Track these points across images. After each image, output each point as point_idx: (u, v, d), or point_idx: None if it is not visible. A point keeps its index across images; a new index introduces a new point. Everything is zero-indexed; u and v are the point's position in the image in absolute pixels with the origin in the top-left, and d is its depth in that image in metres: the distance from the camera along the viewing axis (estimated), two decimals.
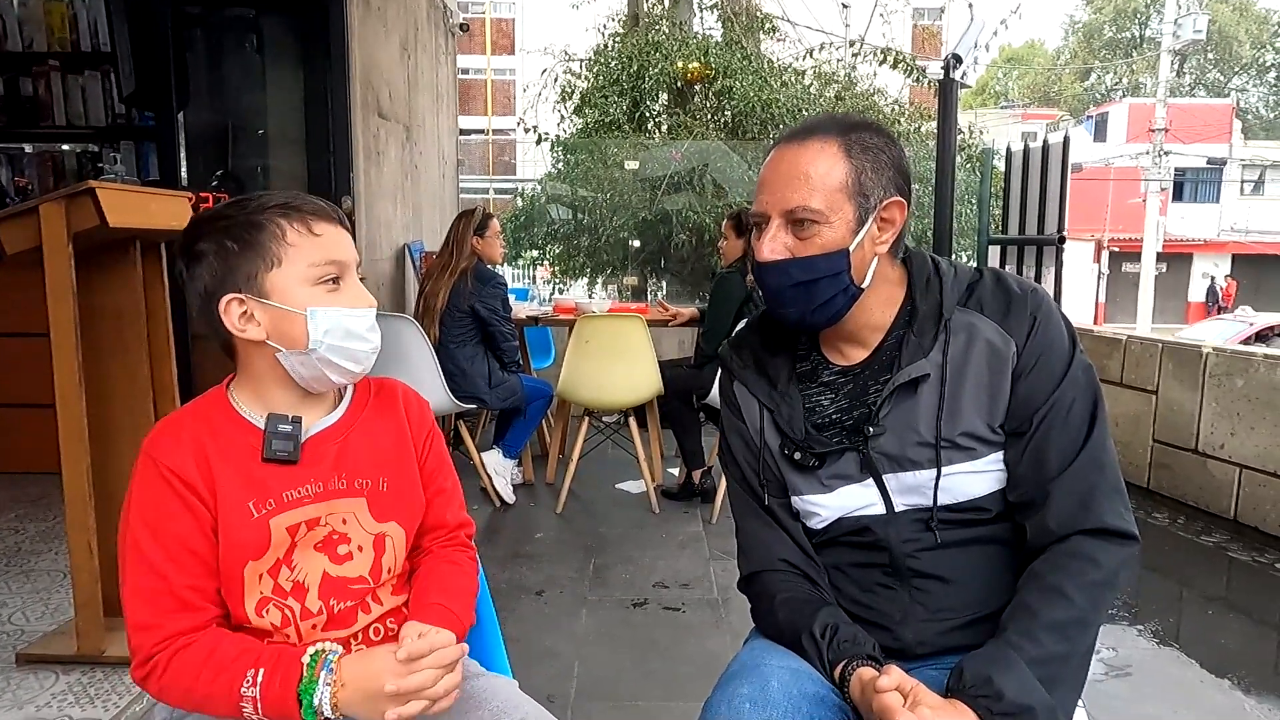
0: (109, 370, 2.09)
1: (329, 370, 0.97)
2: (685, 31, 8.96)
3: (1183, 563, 3.16)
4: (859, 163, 1.02)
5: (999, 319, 1.04)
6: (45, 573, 2.59)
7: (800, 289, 1.04)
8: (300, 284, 0.95)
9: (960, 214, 7.45)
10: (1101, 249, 24.39)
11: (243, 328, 0.96)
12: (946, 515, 1.05)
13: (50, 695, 1.89)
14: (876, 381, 1.07)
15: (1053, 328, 1.04)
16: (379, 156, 4.22)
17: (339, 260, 0.97)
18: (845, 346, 1.11)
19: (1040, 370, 1.03)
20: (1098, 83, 33.97)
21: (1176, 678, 2.29)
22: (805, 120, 1.08)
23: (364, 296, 1.00)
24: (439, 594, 1.05)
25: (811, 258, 1.03)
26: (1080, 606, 0.96)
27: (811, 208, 1.01)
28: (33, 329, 3.31)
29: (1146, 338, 4.06)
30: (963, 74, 4.54)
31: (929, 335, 1.05)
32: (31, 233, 1.83)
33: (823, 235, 1.02)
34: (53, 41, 4.04)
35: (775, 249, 1.03)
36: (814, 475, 1.09)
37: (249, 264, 0.94)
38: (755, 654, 1.05)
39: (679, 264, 8.32)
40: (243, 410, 1.00)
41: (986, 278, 1.09)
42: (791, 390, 1.12)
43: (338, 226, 0.99)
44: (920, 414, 1.04)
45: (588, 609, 2.64)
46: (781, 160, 1.04)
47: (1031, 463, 1.03)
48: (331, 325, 0.96)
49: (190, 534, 0.94)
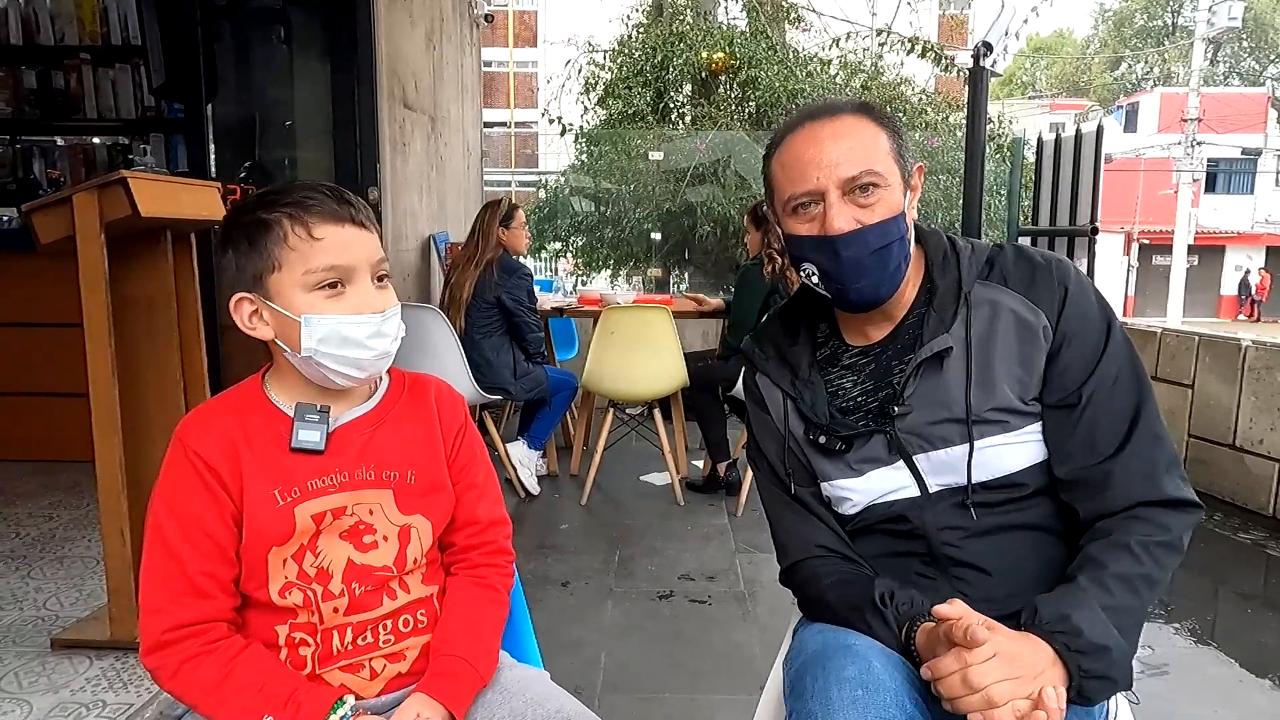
0: (140, 359, 2.10)
1: (329, 374, 0.96)
2: (710, 21, 8.91)
3: (1220, 560, 3.10)
4: (890, 132, 1.04)
5: (1024, 290, 1.03)
6: (79, 559, 2.62)
7: (876, 256, 1.02)
8: (298, 289, 0.94)
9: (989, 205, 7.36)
10: (1131, 241, 24.01)
11: (252, 326, 0.97)
12: (983, 495, 1.02)
13: (85, 680, 1.91)
14: (900, 361, 1.06)
15: (1085, 297, 1.02)
16: (405, 147, 4.23)
17: (340, 265, 0.94)
18: (866, 327, 1.10)
19: (1078, 342, 1.01)
20: (1128, 72, 33.37)
21: (1215, 677, 2.24)
22: (813, 104, 1.07)
23: (371, 301, 0.96)
24: (463, 640, 1.02)
25: (883, 222, 1.01)
26: (1147, 564, 0.94)
27: (875, 170, 1.00)
28: (65, 319, 3.37)
29: (1183, 330, 3.97)
30: (993, 62, 4.46)
31: (949, 310, 1.04)
32: (65, 222, 1.85)
33: (885, 199, 1.01)
34: (84, 35, 4.08)
35: (846, 220, 1.01)
36: (842, 460, 1.07)
37: (255, 265, 0.94)
38: (833, 636, 1.00)
39: (703, 256, 8.29)
40: (275, 399, 1.01)
41: (1007, 250, 1.07)
42: (814, 376, 1.11)
43: (346, 226, 0.95)
44: (949, 389, 1.02)
45: (613, 600, 2.63)
46: (820, 136, 1.02)
47: (1083, 441, 1.00)
48: (327, 333, 0.94)
49: (210, 519, 0.94)
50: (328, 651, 0.99)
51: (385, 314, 0.97)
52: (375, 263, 0.97)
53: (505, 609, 1.10)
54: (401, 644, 1.02)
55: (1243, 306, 24.29)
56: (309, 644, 0.98)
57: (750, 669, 2.17)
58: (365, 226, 0.97)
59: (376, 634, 1.00)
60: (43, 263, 2.99)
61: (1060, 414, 1.01)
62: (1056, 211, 4.48)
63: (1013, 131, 9.57)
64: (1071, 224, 4.34)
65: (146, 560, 0.95)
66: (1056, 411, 1.01)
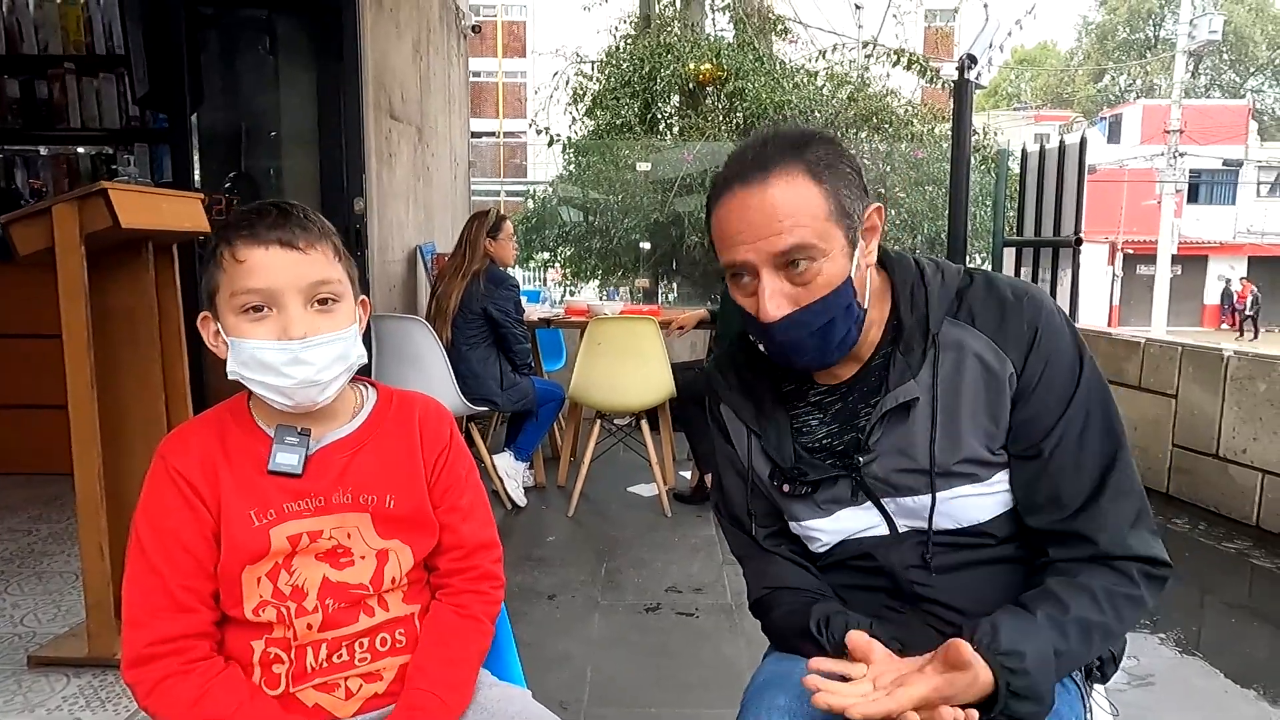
0: (121, 371, 2.09)
1: (265, 399, 0.96)
2: (697, 33, 8.95)
3: (1204, 570, 3.11)
4: (831, 183, 0.93)
5: (991, 332, 0.96)
6: (57, 574, 2.59)
7: (817, 335, 0.94)
8: (228, 311, 0.94)
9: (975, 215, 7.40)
10: (1115, 251, 24.23)
11: (215, 344, 0.97)
12: (948, 539, 1.00)
13: (61, 698, 1.88)
14: (866, 404, 1.01)
15: (1055, 338, 0.95)
16: (391, 158, 4.22)
17: (260, 288, 0.91)
18: (833, 366, 1.04)
19: (1045, 389, 0.95)
20: (1111, 84, 33.78)
21: (1201, 688, 2.24)
22: (748, 153, 0.94)
23: (294, 327, 0.91)
24: (437, 670, 1.00)
25: (821, 300, 0.93)
26: (1108, 615, 0.92)
27: (808, 243, 0.91)
28: (44, 330, 3.33)
29: (1166, 340, 4.00)
30: (977, 74, 4.50)
31: (916, 353, 0.98)
32: (44, 233, 1.83)
33: (824, 271, 0.92)
34: (68, 44, 4.06)
35: (780, 304, 0.93)
36: (810, 500, 1.05)
37: (206, 284, 0.96)
38: (785, 663, 1.02)
39: (690, 266, 8.30)
40: (258, 418, 1.00)
41: (977, 283, 0.99)
42: (778, 413, 1.06)
43: (272, 249, 0.91)
44: (913, 439, 0.98)
45: (600, 613, 2.62)
46: (748, 204, 0.92)
47: (1049, 495, 0.96)
48: (246, 358, 0.93)
49: (189, 535, 0.94)
50: (301, 669, 0.97)
51: (307, 341, 0.92)
52: (308, 286, 0.93)
53: (487, 638, 1.08)
54: (378, 663, 1.00)
55: (1225, 316, 24.53)
56: (283, 660, 0.97)
57: (739, 682, 2.13)
58: (298, 248, 0.92)
59: (352, 651, 0.99)
60: (22, 273, 2.95)
61: (1026, 465, 0.97)
62: (1041, 222, 4.51)
63: (998, 143, 9.65)
64: (1056, 234, 4.37)
65: (128, 575, 0.95)
66: (1022, 462, 0.97)
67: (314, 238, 0.94)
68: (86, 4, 4.09)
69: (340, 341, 0.95)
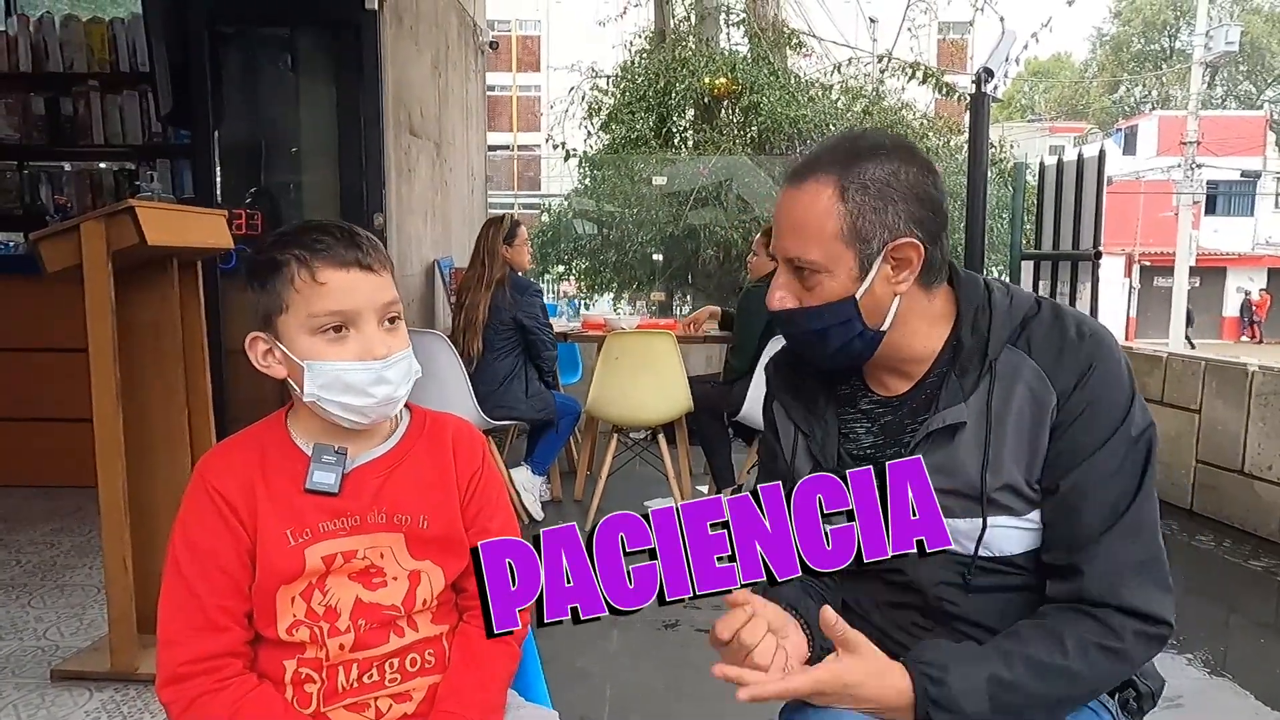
0: (145, 386, 2.10)
1: (335, 419, 0.96)
2: (712, 47, 8.97)
3: (1231, 588, 3.06)
4: (856, 205, 0.93)
5: (1046, 362, 0.95)
6: (79, 587, 2.60)
7: (811, 337, 1.00)
8: (302, 332, 0.93)
9: (991, 229, 7.38)
10: (1132, 263, 24.07)
11: (266, 364, 0.97)
12: (980, 563, 0.98)
13: (84, 713, 1.89)
14: (914, 421, 1.01)
15: (1108, 380, 0.93)
16: (410, 173, 4.25)
17: (343, 310, 0.93)
18: (886, 377, 1.05)
19: (1082, 428, 0.93)
20: (1126, 95, 33.63)
21: (1232, 709, 2.20)
22: (815, 149, 1.01)
23: (376, 347, 0.94)
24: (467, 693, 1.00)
25: (817, 308, 0.97)
26: (1073, 660, 0.88)
27: (808, 259, 0.95)
28: (69, 344, 3.37)
29: (1189, 355, 3.96)
30: (994, 88, 4.49)
31: (971, 377, 0.97)
32: (73, 250, 1.85)
33: (825, 285, 0.96)
34: (93, 62, 4.13)
35: (783, 298, 1.00)
36: None
37: (265, 305, 0.95)
38: None
39: (705, 279, 8.30)
40: (295, 438, 1.00)
41: (1044, 313, 0.98)
42: (828, 415, 1.07)
43: (352, 271, 0.93)
44: (958, 461, 0.96)
45: (619, 629, 2.60)
46: (782, 204, 0.99)
47: (1063, 532, 0.94)
48: (328, 380, 0.93)
49: (226, 555, 0.94)
50: (333, 688, 0.97)
51: (389, 360, 0.95)
52: (382, 306, 0.96)
53: (515, 660, 1.08)
54: (408, 684, 1.00)
55: (1245, 329, 24.28)
56: (314, 680, 0.97)
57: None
58: (373, 270, 0.95)
59: (383, 672, 0.99)
60: (48, 287, 2.99)
61: (1050, 498, 0.95)
62: (1060, 235, 4.48)
63: (1013, 155, 9.61)
64: (1074, 248, 4.34)
65: (165, 593, 0.95)
66: (1048, 496, 0.96)
67: (381, 259, 0.97)
68: (111, 23, 4.17)
69: (408, 359, 0.98)
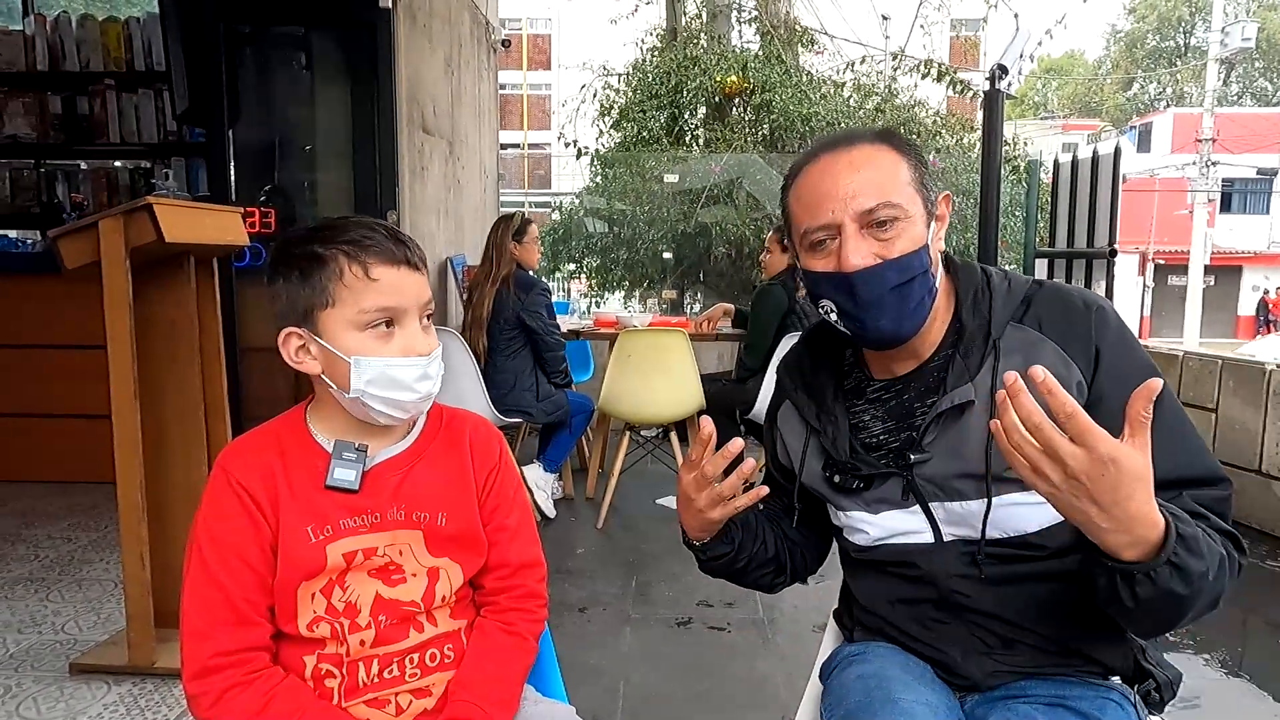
0: (162, 382, 2.12)
1: (374, 414, 0.96)
2: (724, 45, 8.96)
3: (1247, 588, 3.04)
4: (911, 161, 0.99)
5: (1059, 337, 0.96)
6: (97, 582, 2.62)
7: (896, 293, 0.97)
8: (349, 328, 0.94)
9: (1005, 227, 7.33)
10: (1146, 261, 23.88)
11: (299, 360, 0.97)
12: (996, 550, 0.98)
13: (102, 706, 1.90)
14: (922, 403, 1.02)
15: (1124, 348, 0.96)
16: (423, 171, 4.26)
17: (392, 306, 0.94)
18: (891, 362, 1.06)
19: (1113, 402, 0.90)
20: (1140, 92, 33.35)
21: (1250, 710, 2.19)
22: (832, 134, 1.04)
23: (419, 344, 0.96)
24: (482, 687, 1.00)
25: (903, 257, 0.96)
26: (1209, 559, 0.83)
27: (894, 202, 0.96)
28: (85, 341, 3.40)
29: (1205, 354, 3.93)
30: (1008, 85, 4.46)
31: (975, 357, 0.98)
32: (91, 247, 1.87)
33: (906, 232, 0.96)
34: (109, 61, 4.15)
35: (863, 255, 0.96)
36: (858, 496, 1.05)
37: (306, 299, 0.94)
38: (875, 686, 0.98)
39: (717, 277, 8.29)
40: (316, 433, 1.00)
41: (1046, 289, 1.01)
42: (838, 409, 1.08)
43: (401, 268, 0.95)
44: (968, 441, 0.97)
45: (631, 627, 2.60)
46: (835, 167, 0.98)
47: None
48: (375, 375, 0.94)
49: (250, 548, 0.94)
50: (353, 684, 0.98)
51: (431, 356, 0.97)
52: (424, 304, 0.98)
53: (531, 655, 1.08)
54: (428, 679, 1.00)
55: (1261, 328, 24.05)
56: (335, 675, 0.97)
57: (774, 700, 2.14)
58: (418, 268, 0.98)
59: (403, 667, 0.99)
60: (66, 285, 3.01)
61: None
62: (1074, 233, 4.45)
63: (1027, 152, 9.56)
64: (1089, 245, 4.30)
65: (189, 586, 0.95)
66: None
67: (422, 257, 0.99)
68: (127, 22, 4.19)
69: (441, 356, 1.00)
